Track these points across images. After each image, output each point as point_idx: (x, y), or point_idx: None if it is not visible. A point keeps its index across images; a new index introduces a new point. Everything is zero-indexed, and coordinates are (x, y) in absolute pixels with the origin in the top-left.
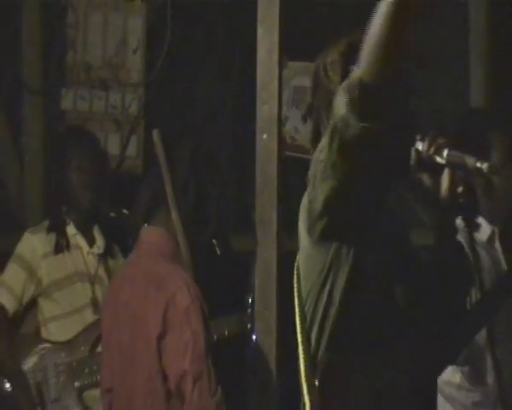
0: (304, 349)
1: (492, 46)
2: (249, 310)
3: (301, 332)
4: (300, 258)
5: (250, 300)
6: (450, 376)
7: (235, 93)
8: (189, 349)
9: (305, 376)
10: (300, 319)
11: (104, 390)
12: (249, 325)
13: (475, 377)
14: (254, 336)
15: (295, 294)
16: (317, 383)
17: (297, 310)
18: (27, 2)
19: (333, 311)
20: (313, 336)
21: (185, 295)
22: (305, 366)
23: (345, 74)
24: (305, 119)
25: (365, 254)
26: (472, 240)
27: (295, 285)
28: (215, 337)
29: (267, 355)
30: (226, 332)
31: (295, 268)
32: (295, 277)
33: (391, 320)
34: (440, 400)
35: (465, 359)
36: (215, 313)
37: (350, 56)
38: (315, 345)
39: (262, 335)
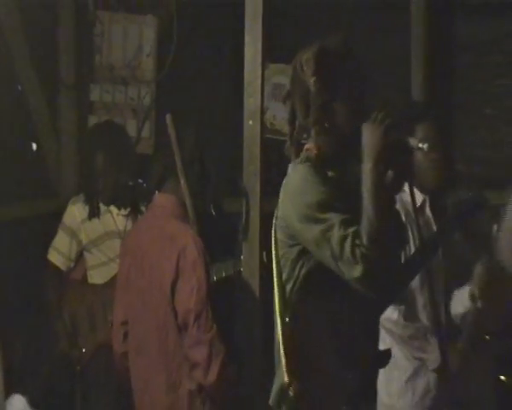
0: (278, 294)
1: (430, 51)
2: (239, 257)
3: (277, 281)
4: (277, 229)
5: (239, 250)
6: (390, 313)
7: (228, 88)
8: (194, 292)
9: (279, 314)
10: (277, 271)
11: (119, 323)
12: (240, 269)
13: (409, 315)
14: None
15: (273, 251)
16: (287, 319)
17: (274, 264)
18: (64, 16)
19: (303, 271)
20: (287, 285)
21: (193, 249)
22: (279, 307)
23: (316, 71)
24: (284, 102)
25: None
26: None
27: (273, 245)
28: (215, 278)
29: (252, 293)
30: (223, 274)
31: (273, 230)
32: (273, 238)
33: None
34: (382, 333)
35: (401, 299)
36: (214, 260)
37: (321, 57)
38: (288, 291)
39: (248, 278)
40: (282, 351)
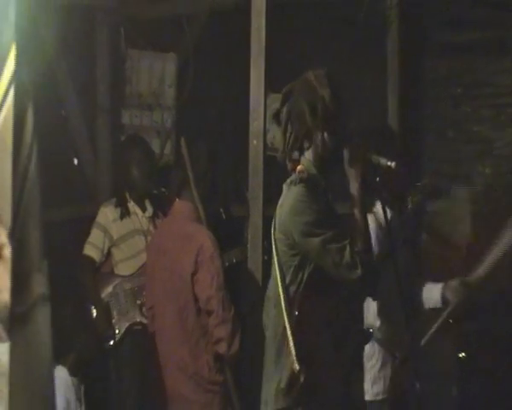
0: (283, 295)
1: (403, 80)
2: (245, 247)
3: (281, 284)
4: (278, 241)
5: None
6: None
7: (236, 113)
8: (214, 281)
9: (286, 311)
10: (280, 276)
11: (148, 308)
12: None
13: (386, 320)
14: None
15: (274, 252)
16: (296, 313)
17: (277, 270)
18: (101, 52)
19: (305, 275)
20: (291, 287)
21: (209, 245)
22: (285, 306)
23: (328, 85)
24: (276, 120)
25: None
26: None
27: (274, 247)
28: (227, 264)
29: (256, 281)
30: (234, 260)
31: (273, 232)
32: (273, 240)
33: None
34: None
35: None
36: (225, 249)
37: (330, 76)
38: (292, 292)
39: (252, 268)
40: (291, 343)
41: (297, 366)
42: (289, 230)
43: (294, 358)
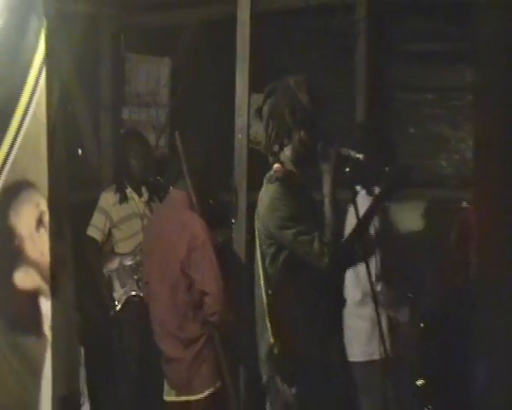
0: (263, 275)
1: (370, 84)
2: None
3: (262, 265)
4: (258, 230)
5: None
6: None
7: (223, 111)
8: (206, 263)
9: (265, 290)
10: (261, 258)
11: (144, 283)
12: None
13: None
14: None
15: (256, 235)
16: (270, 292)
17: (259, 253)
18: (103, 56)
19: (281, 260)
20: (269, 269)
21: (201, 233)
22: (264, 284)
23: (308, 90)
24: (258, 117)
25: None
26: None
27: (256, 230)
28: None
29: (240, 258)
30: (220, 239)
31: (256, 217)
32: (256, 224)
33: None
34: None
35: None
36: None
37: (309, 82)
38: (270, 273)
39: (237, 247)
40: (267, 318)
41: (271, 339)
42: (266, 223)
43: (270, 332)
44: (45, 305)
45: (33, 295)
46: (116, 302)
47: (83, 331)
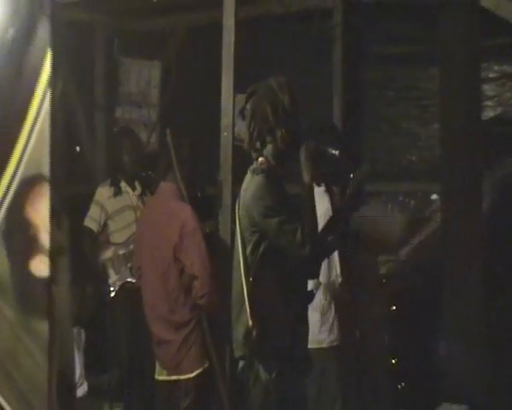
0: (243, 263)
1: (346, 85)
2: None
3: (242, 253)
4: (241, 219)
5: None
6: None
7: (211, 111)
8: (196, 249)
9: (245, 276)
10: (242, 246)
11: (136, 268)
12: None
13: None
14: None
15: (237, 227)
16: (250, 279)
17: (240, 241)
18: (98, 59)
19: (262, 248)
20: (250, 257)
21: (192, 220)
22: (245, 271)
23: (289, 91)
24: (240, 113)
25: None
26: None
27: (237, 221)
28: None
29: (226, 246)
30: (207, 230)
31: (237, 210)
32: (237, 215)
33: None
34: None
35: None
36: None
37: (277, 86)
38: (250, 261)
39: (222, 236)
40: (246, 303)
41: (250, 322)
42: (251, 211)
43: (249, 315)
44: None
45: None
46: (111, 289)
47: (83, 316)
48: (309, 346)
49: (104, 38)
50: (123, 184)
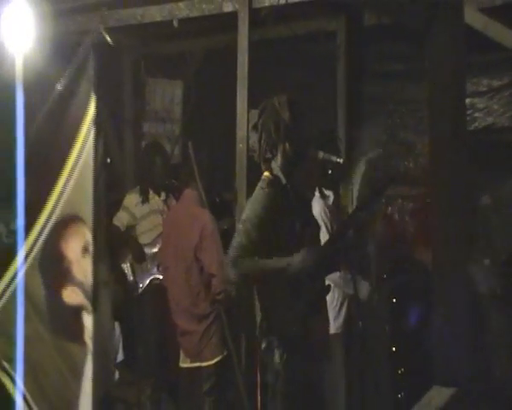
0: None
1: (349, 99)
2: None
3: None
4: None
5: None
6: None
7: (227, 125)
8: (215, 250)
9: None
10: None
11: (161, 266)
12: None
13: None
14: None
15: None
16: None
17: None
18: (126, 80)
19: None
20: None
21: (211, 224)
22: None
23: (289, 108)
24: (255, 129)
25: None
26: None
27: None
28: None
29: None
30: (225, 227)
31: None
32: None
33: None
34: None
35: None
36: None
37: (279, 105)
38: None
39: None
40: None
41: (259, 315)
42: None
43: (259, 309)
44: (87, 319)
45: (77, 310)
46: (140, 285)
47: (117, 309)
48: None
49: (132, 61)
50: (150, 192)
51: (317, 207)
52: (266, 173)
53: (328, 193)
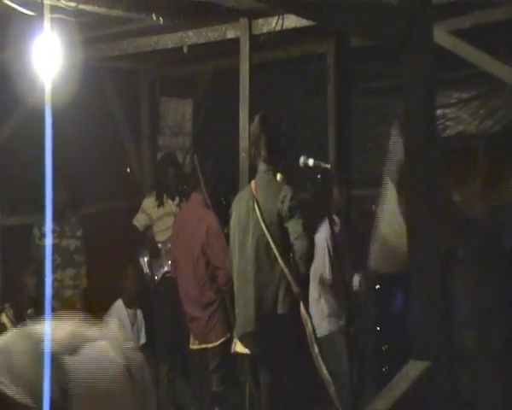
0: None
1: (338, 114)
2: None
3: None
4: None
5: None
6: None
7: (230, 137)
8: (220, 246)
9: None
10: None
11: (172, 261)
12: None
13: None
14: None
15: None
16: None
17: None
18: (143, 98)
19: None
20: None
21: (215, 224)
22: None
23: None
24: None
25: None
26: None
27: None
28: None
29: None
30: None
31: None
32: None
33: None
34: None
35: None
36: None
37: (259, 123)
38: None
39: None
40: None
41: (297, 288)
42: None
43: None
44: None
45: None
46: (155, 278)
47: (132, 301)
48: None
49: (148, 82)
50: (165, 196)
51: (323, 232)
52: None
53: (337, 221)
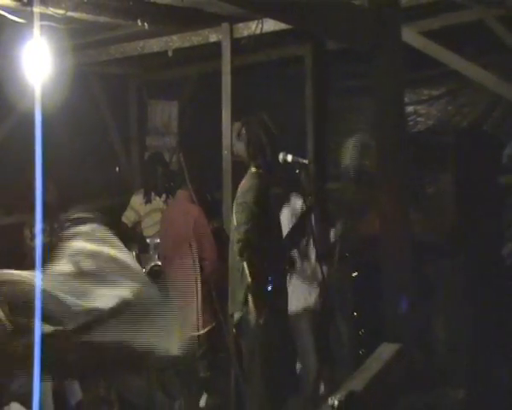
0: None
1: (316, 113)
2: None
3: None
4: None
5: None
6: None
7: (214, 136)
8: (206, 238)
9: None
10: None
11: (162, 257)
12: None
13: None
14: None
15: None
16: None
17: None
18: (131, 101)
19: None
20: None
21: (203, 218)
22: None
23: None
24: (238, 138)
25: None
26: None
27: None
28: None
29: (228, 235)
30: (214, 225)
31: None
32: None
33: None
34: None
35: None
36: (210, 219)
37: (254, 123)
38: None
39: (227, 229)
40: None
41: (249, 280)
42: None
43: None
44: None
45: None
46: (144, 270)
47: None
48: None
49: (135, 86)
50: (152, 194)
51: (285, 212)
52: (254, 169)
53: (299, 200)
